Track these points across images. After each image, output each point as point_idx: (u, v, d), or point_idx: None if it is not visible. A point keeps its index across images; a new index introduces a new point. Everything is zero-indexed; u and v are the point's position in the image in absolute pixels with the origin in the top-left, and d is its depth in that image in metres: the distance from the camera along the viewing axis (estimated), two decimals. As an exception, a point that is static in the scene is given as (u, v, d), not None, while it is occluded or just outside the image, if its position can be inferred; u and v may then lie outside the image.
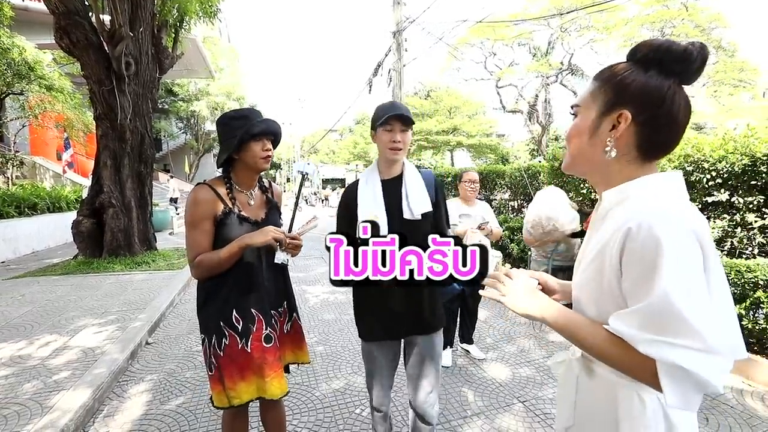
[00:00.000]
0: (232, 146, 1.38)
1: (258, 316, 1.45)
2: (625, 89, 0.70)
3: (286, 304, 1.61)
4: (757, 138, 3.00)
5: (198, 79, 20.45)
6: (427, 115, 23.40)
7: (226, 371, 1.40)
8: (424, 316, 1.57)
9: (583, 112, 0.77)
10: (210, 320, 1.43)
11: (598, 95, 0.74)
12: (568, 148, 0.81)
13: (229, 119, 1.43)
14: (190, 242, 1.38)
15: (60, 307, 4.14)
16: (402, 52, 9.56)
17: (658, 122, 0.69)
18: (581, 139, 0.77)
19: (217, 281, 1.41)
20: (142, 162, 6.88)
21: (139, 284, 5.09)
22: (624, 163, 0.73)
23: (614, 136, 0.71)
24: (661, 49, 0.68)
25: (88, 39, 5.95)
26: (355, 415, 2.33)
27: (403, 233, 1.47)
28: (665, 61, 0.68)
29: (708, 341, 0.58)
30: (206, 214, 1.38)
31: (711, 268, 0.63)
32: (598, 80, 0.75)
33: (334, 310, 4.26)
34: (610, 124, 0.72)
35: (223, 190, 1.43)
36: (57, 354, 3.01)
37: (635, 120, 0.70)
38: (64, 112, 10.18)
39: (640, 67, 0.70)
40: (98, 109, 6.34)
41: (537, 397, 2.49)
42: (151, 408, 2.43)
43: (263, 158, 1.43)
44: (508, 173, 7.61)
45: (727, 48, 15.82)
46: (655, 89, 0.68)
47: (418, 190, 1.54)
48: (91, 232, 6.37)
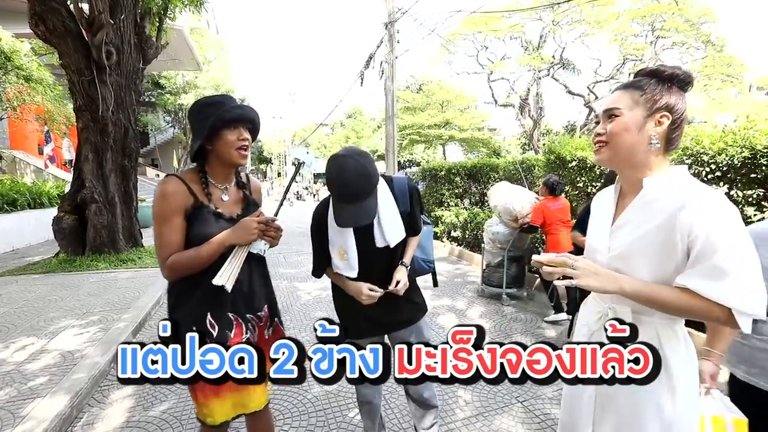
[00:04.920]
0: (203, 135, 1.23)
1: (236, 320, 1.31)
2: (664, 97, 0.93)
3: (267, 307, 1.45)
4: (757, 130, 2.95)
5: (185, 71, 19.93)
6: (419, 109, 23.25)
7: (198, 383, 1.24)
8: (404, 309, 1.61)
9: (628, 113, 0.94)
10: (181, 326, 1.29)
11: (641, 101, 0.94)
12: (612, 143, 0.96)
13: (201, 106, 1.28)
14: (161, 239, 1.23)
15: (39, 308, 3.96)
16: (394, 44, 9.39)
17: (681, 125, 0.94)
18: (630, 134, 0.94)
19: (190, 281, 1.26)
20: (126, 156, 6.63)
21: (123, 283, 4.91)
22: (655, 155, 0.95)
23: (658, 132, 0.93)
24: (676, 72, 0.94)
25: (66, 26, 5.66)
26: (349, 419, 2.24)
27: (373, 259, 1.45)
28: (678, 80, 0.94)
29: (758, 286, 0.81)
30: (177, 208, 1.23)
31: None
32: (637, 89, 0.95)
33: (326, 308, 4.16)
34: (653, 122, 0.93)
35: (196, 185, 1.28)
36: (34, 358, 2.85)
37: (670, 122, 0.93)
38: (44, 104, 9.81)
39: (665, 82, 0.94)
40: (78, 101, 6.07)
41: (536, 397, 2.42)
42: (134, 415, 2.30)
43: (239, 149, 1.27)
44: (502, 167, 7.55)
45: (716, 43, 15.93)
46: (682, 100, 0.93)
47: (391, 218, 1.45)
48: (73, 229, 6.14)
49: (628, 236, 0.96)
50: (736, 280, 0.81)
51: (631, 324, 0.91)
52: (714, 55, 15.77)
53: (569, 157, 4.64)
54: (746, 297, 0.80)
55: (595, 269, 0.93)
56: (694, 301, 0.85)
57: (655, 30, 15.89)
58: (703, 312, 0.85)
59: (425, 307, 1.70)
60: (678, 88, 0.94)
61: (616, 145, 0.95)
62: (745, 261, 0.82)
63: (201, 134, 1.24)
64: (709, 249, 0.83)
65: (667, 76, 0.94)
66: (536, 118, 18.65)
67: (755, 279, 0.81)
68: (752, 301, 0.80)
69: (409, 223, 1.54)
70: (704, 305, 0.84)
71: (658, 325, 0.95)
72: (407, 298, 1.61)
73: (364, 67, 10.51)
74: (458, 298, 4.48)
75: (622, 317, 0.97)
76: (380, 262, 1.50)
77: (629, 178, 1.00)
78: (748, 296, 0.80)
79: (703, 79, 15.85)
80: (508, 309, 4.06)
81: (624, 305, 0.99)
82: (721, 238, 0.82)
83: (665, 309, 0.89)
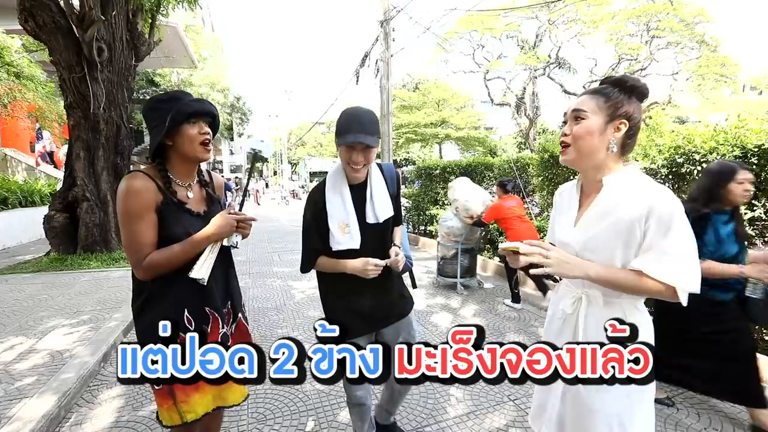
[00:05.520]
0: (163, 130, 1.18)
1: (212, 315, 1.29)
2: (624, 106, 1.03)
3: (230, 303, 1.41)
4: (748, 129, 2.97)
5: (180, 69, 19.76)
6: (415, 108, 23.22)
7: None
8: (395, 305, 1.65)
9: (591, 118, 1.03)
10: (155, 326, 1.25)
11: (604, 107, 1.03)
12: (576, 145, 1.06)
13: (156, 102, 1.24)
14: (134, 238, 1.17)
15: (29, 307, 3.91)
16: (390, 42, 9.36)
17: (636, 131, 1.05)
18: (592, 137, 1.03)
19: (165, 279, 1.21)
20: (119, 154, 6.56)
21: (115, 281, 4.87)
22: (613, 158, 1.06)
23: (616, 137, 1.03)
24: (637, 84, 1.04)
25: (56, 22, 5.59)
26: (341, 418, 2.23)
27: (368, 237, 1.48)
28: (637, 91, 1.04)
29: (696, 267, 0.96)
30: (148, 205, 1.18)
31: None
32: (603, 96, 1.04)
33: (320, 306, 4.13)
34: (613, 128, 1.03)
35: (159, 182, 1.24)
36: (22, 358, 2.82)
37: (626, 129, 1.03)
38: (36, 102, 9.68)
39: (626, 92, 1.04)
40: (69, 98, 6.00)
41: (528, 395, 2.42)
42: (123, 415, 2.28)
43: (201, 143, 1.24)
44: (497, 166, 7.55)
45: (710, 43, 16.03)
46: (637, 110, 1.04)
47: (382, 196, 1.53)
48: (65, 227, 6.07)
49: (592, 229, 1.06)
50: (678, 263, 0.95)
51: (632, 324, 0.96)
52: (708, 55, 15.87)
53: (563, 156, 4.65)
54: (687, 277, 0.95)
55: (566, 258, 1.02)
56: (645, 281, 0.97)
57: (650, 30, 15.96)
58: (653, 290, 0.97)
59: (413, 301, 1.75)
60: (636, 99, 1.04)
61: (580, 147, 1.05)
62: (687, 247, 0.96)
63: (160, 130, 1.19)
64: (658, 237, 0.96)
65: (629, 87, 1.04)
66: (532, 117, 18.69)
67: (693, 261, 0.96)
68: (691, 279, 0.95)
69: (396, 208, 1.59)
70: (653, 284, 0.97)
71: (625, 304, 1.07)
72: (399, 293, 1.66)
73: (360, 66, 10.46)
74: (452, 296, 4.48)
75: (594, 301, 1.09)
76: (373, 240, 1.52)
77: (590, 178, 1.11)
78: (688, 276, 0.95)
79: (698, 79, 15.96)
80: (501, 307, 4.06)
81: (596, 290, 1.08)
82: (668, 227, 0.95)
83: (624, 289, 1.01)
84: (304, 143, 43.07)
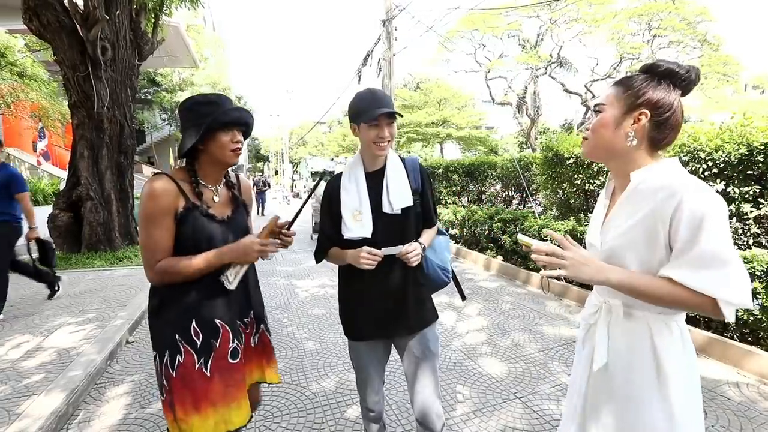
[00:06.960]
0: (198, 135, 1.18)
1: (223, 327, 1.25)
2: (646, 95, 0.91)
3: (253, 313, 1.39)
4: (754, 127, 2.96)
5: (182, 68, 19.79)
6: (416, 107, 23.20)
7: (177, 396, 1.17)
8: (410, 314, 1.50)
9: (608, 110, 0.95)
10: (164, 332, 1.21)
11: (623, 97, 0.93)
12: (592, 138, 0.99)
13: (195, 104, 1.23)
14: (149, 241, 1.16)
15: (35, 305, 3.93)
16: (392, 41, 9.37)
17: (667, 122, 0.91)
18: (607, 130, 0.95)
19: (180, 287, 1.20)
20: (122, 153, 6.59)
21: (120, 280, 4.89)
22: (639, 152, 0.94)
23: (635, 129, 0.92)
24: (673, 69, 0.90)
25: (60, 21, 5.61)
26: (347, 416, 2.23)
27: (383, 228, 1.42)
28: (676, 78, 0.91)
29: (743, 275, 0.80)
30: (167, 209, 1.16)
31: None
32: (623, 86, 0.95)
33: (324, 305, 4.15)
34: (632, 120, 0.92)
35: (186, 185, 1.23)
36: (29, 356, 2.83)
37: (651, 119, 0.91)
38: (39, 101, 9.70)
39: (654, 79, 0.92)
40: (73, 97, 6.02)
41: (534, 393, 2.43)
42: (131, 412, 2.29)
43: (233, 151, 1.24)
44: (500, 165, 7.55)
45: (712, 42, 15.99)
46: (667, 98, 0.90)
47: (399, 184, 1.46)
48: (69, 227, 6.10)
49: (616, 230, 0.95)
50: (721, 270, 0.79)
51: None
52: (710, 54, 15.84)
53: (567, 154, 4.65)
54: (732, 287, 0.79)
55: (584, 260, 0.91)
56: (678, 291, 0.83)
57: (652, 29, 15.94)
58: (688, 302, 0.83)
59: (435, 315, 1.58)
60: (668, 85, 0.90)
61: (595, 141, 0.98)
62: (729, 250, 0.80)
63: (194, 134, 1.19)
64: (689, 238, 0.81)
65: (662, 72, 0.91)
66: (534, 117, 18.68)
67: (737, 268, 0.80)
68: (738, 290, 0.79)
69: (422, 206, 1.51)
70: (688, 295, 0.82)
71: (651, 320, 0.92)
72: (418, 300, 1.51)
73: (362, 65, 10.47)
74: (455, 295, 4.46)
75: (614, 311, 0.97)
76: (387, 231, 1.44)
77: (618, 173, 1.02)
78: (735, 286, 0.79)
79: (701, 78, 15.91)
80: (505, 306, 4.06)
81: (616, 299, 0.97)
82: (699, 227, 0.80)
83: (649, 299, 0.87)
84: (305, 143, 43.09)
